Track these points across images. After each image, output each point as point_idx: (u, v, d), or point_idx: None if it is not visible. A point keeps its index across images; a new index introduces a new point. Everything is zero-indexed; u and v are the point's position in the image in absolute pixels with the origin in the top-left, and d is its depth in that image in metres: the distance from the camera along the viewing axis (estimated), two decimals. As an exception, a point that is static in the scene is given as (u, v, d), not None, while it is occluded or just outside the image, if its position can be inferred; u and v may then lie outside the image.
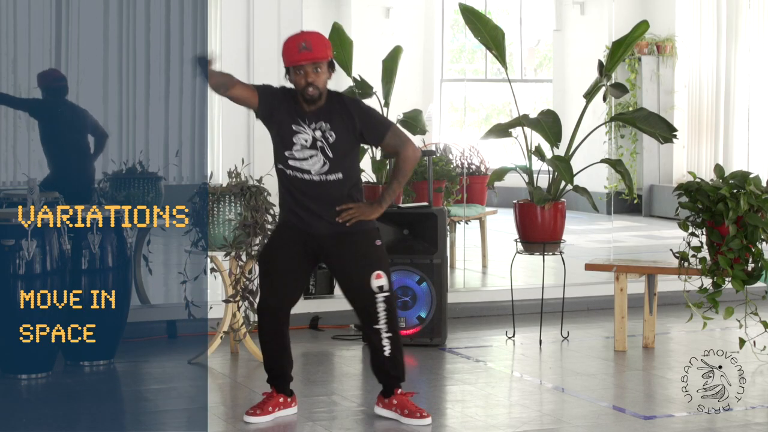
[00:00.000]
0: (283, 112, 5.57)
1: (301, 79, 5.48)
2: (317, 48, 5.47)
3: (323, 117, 5.54)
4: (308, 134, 5.52)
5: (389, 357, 5.59)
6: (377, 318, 5.55)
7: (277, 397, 5.67)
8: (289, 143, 5.54)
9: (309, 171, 5.53)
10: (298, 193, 5.56)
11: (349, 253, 5.57)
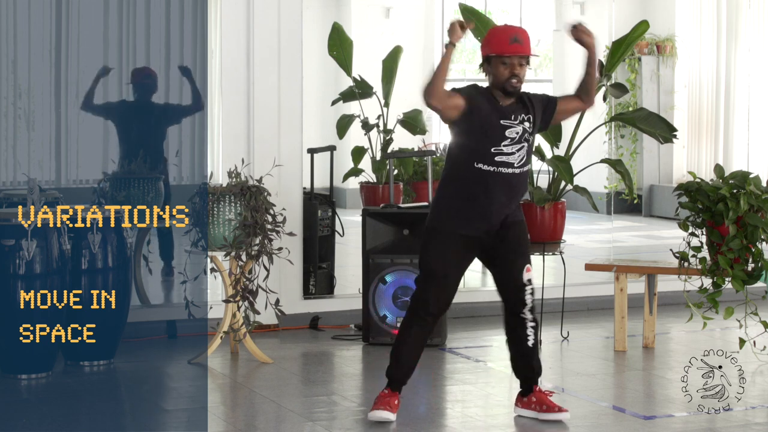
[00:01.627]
0: (487, 107, 5.59)
1: (507, 71, 5.57)
2: (527, 43, 5.60)
3: (523, 110, 5.64)
4: (518, 128, 5.59)
5: (532, 348, 5.66)
6: (524, 305, 5.62)
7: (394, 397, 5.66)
8: (499, 138, 5.55)
9: (512, 164, 5.57)
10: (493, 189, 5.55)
11: (517, 242, 5.66)
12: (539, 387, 5.72)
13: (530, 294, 5.64)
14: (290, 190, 7.82)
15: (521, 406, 5.74)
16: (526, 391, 5.72)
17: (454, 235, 5.61)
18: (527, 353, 5.66)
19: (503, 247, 5.64)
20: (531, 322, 5.63)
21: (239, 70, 7.89)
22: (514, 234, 5.65)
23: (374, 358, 7.16)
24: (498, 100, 5.60)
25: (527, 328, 5.63)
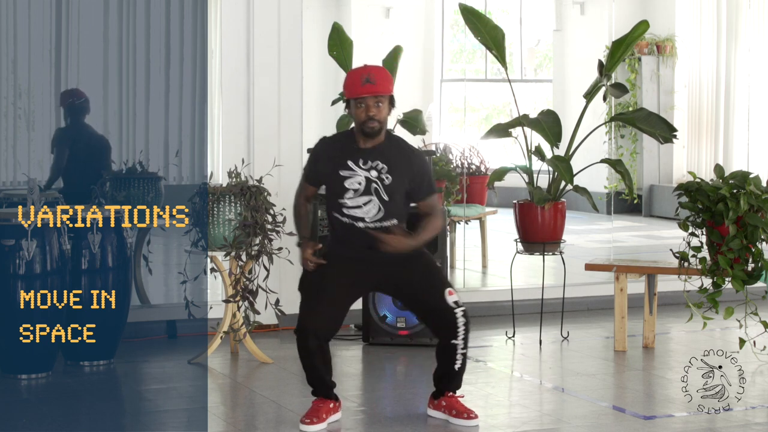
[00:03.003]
0: (327, 162, 5.57)
1: (362, 113, 5.48)
2: (381, 82, 5.49)
3: (380, 157, 5.54)
4: (360, 176, 5.51)
5: (457, 371, 5.63)
6: (456, 333, 5.54)
7: (328, 403, 5.63)
8: (341, 190, 5.52)
9: (363, 219, 5.52)
10: (352, 239, 5.54)
11: (419, 273, 5.57)
12: (452, 393, 5.68)
13: (463, 317, 5.53)
14: (290, 190, 7.79)
15: (432, 407, 5.74)
16: (437, 394, 5.71)
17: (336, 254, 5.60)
18: (450, 373, 5.64)
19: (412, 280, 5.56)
20: (462, 349, 5.56)
21: (239, 70, 7.89)
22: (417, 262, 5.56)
23: (374, 358, 7.16)
24: (359, 142, 5.56)
25: (457, 354, 5.57)
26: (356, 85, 5.49)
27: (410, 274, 5.57)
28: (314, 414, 5.55)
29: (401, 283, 5.61)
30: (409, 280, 5.58)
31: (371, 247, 5.48)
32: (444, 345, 5.60)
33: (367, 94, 5.46)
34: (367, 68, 5.55)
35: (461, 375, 5.68)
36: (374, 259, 5.53)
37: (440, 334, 5.62)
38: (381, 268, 5.56)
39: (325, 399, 5.62)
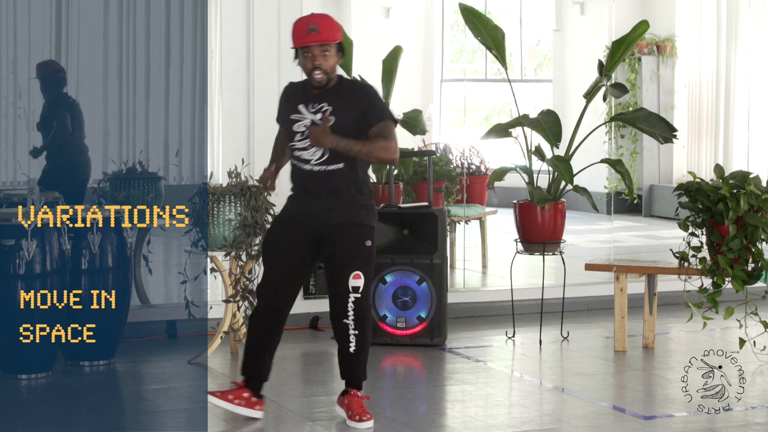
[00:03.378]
0: (285, 106, 5.64)
1: (308, 62, 5.46)
2: (326, 30, 5.44)
3: (326, 99, 5.50)
4: (307, 119, 5.51)
5: (353, 354, 5.57)
6: (346, 314, 5.53)
7: (243, 390, 5.63)
8: (292, 134, 5.57)
9: (309, 161, 5.52)
10: (304, 185, 5.56)
11: (341, 246, 5.53)
12: (357, 392, 5.64)
13: (353, 302, 5.51)
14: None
15: (338, 404, 5.71)
16: (345, 391, 5.68)
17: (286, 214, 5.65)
18: (348, 359, 5.60)
19: (333, 251, 5.55)
20: (354, 330, 5.53)
21: (239, 70, 7.89)
22: (347, 236, 5.53)
23: (374, 358, 7.15)
24: (308, 89, 5.57)
25: (349, 335, 5.55)
26: (301, 35, 5.44)
27: (338, 244, 5.54)
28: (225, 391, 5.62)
29: (329, 249, 5.57)
30: (330, 248, 5.55)
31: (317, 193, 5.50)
32: (336, 325, 5.58)
33: (312, 42, 5.41)
34: (313, 16, 5.50)
35: (360, 363, 5.60)
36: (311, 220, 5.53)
37: (333, 312, 5.59)
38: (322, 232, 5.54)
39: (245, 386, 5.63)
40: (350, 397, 5.63)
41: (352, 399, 5.62)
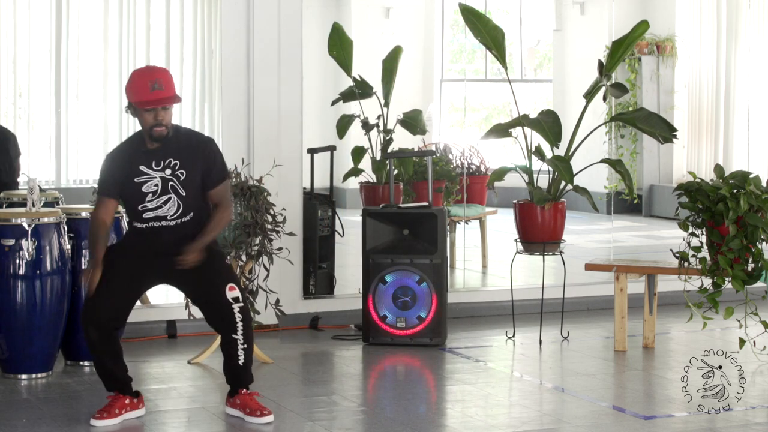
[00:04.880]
0: (122, 173, 5.56)
1: (150, 118, 5.46)
2: (168, 87, 5.47)
3: (172, 154, 5.54)
4: (156, 177, 5.52)
5: (242, 365, 5.61)
6: (235, 327, 5.54)
7: (123, 399, 5.64)
8: (140, 197, 5.52)
9: (165, 217, 5.55)
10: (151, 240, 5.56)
11: (203, 269, 5.55)
12: (245, 390, 5.67)
13: (240, 312, 5.53)
14: (290, 190, 7.82)
15: (229, 405, 5.72)
16: (232, 392, 5.70)
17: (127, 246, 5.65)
18: (235, 369, 5.63)
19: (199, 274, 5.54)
20: (242, 344, 5.56)
21: (239, 70, 7.88)
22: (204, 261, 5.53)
23: (374, 359, 7.16)
24: (147, 144, 5.55)
25: (238, 349, 5.57)
26: (144, 92, 5.44)
27: (197, 269, 5.53)
28: (106, 409, 5.59)
29: (183, 275, 5.57)
30: (190, 273, 5.55)
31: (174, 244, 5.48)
32: (226, 340, 5.59)
33: (156, 103, 5.43)
34: (154, 72, 5.51)
35: (248, 371, 5.64)
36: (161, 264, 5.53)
37: (221, 329, 5.60)
38: (164, 260, 5.52)
39: (121, 395, 5.63)
40: (243, 396, 5.66)
41: (246, 398, 5.66)
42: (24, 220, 6.38)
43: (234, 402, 5.69)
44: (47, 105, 11.64)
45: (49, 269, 6.44)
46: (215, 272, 5.59)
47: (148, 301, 8.19)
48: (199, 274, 5.55)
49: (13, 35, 11.72)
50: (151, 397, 6.17)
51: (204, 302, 5.64)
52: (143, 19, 12.75)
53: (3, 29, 11.70)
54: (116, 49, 12.47)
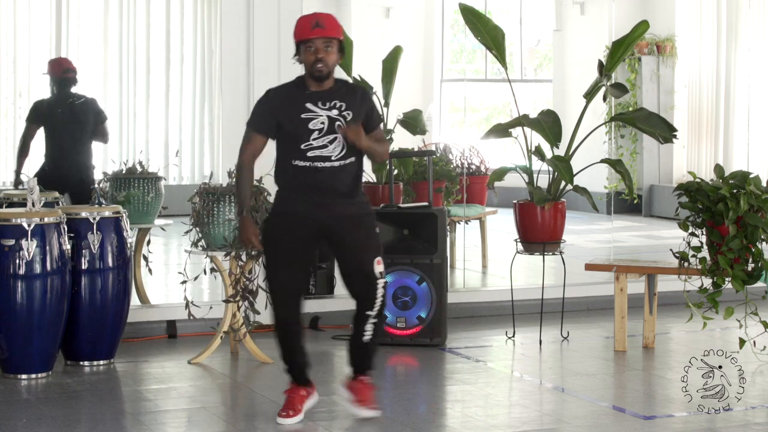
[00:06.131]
0: (282, 108, 5.58)
1: (311, 56, 5.51)
2: (330, 27, 5.53)
3: (337, 96, 5.58)
4: (322, 116, 5.54)
5: (366, 344, 5.66)
6: (373, 304, 5.59)
7: (299, 391, 5.68)
8: (305, 133, 5.53)
9: (329, 157, 5.54)
10: (311, 184, 5.54)
11: (355, 235, 5.59)
12: (365, 378, 5.72)
13: (383, 288, 5.59)
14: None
15: (343, 386, 5.78)
16: (353, 377, 5.75)
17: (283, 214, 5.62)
18: (360, 346, 5.68)
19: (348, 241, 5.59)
20: (374, 320, 5.62)
21: (239, 70, 7.88)
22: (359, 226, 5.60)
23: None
24: (309, 86, 5.59)
25: (367, 324, 5.63)
26: (305, 29, 5.52)
27: (349, 234, 5.58)
28: (290, 406, 5.63)
29: (340, 240, 5.61)
30: (346, 239, 5.59)
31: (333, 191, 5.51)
32: (359, 312, 5.64)
33: (316, 36, 5.49)
34: (317, 14, 5.59)
35: (371, 352, 5.68)
36: (320, 215, 5.55)
37: (358, 302, 5.65)
38: (326, 224, 5.56)
39: (298, 386, 5.67)
40: (358, 382, 5.71)
41: (360, 385, 5.70)
42: (24, 220, 6.38)
43: (349, 384, 5.73)
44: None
45: (49, 269, 6.44)
46: (369, 242, 5.61)
47: (148, 301, 8.21)
48: (354, 240, 5.57)
49: (13, 35, 11.72)
50: (151, 397, 6.18)
51: (351, 270, 5.63)
52: (143, 19, 12.75)
53: (3, 29, 11.70)
54: (116, 49, 12.47)
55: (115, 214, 6.82)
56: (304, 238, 5.59)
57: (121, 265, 6.82)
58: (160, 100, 12.97)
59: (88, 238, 6.72)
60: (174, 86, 13.08)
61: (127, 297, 6.91)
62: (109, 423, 5.70)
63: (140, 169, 8.26)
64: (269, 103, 5.64)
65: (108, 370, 6.75)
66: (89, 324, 6.72)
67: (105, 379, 6.58)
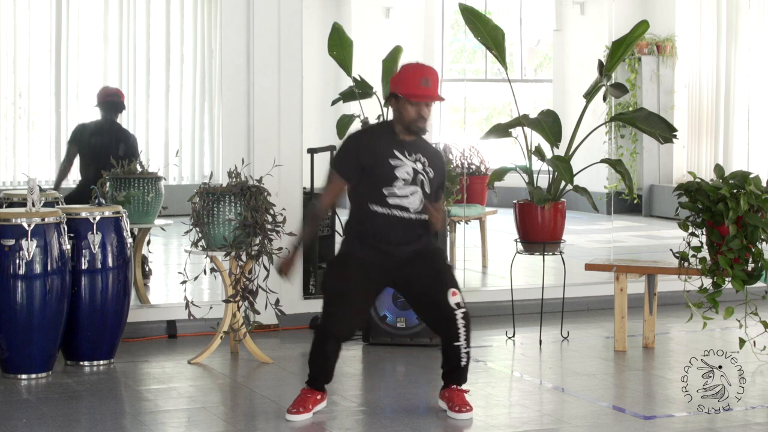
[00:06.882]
0: (370, 152, 5.55)
1: (413, 111, 5.51)
2: (435, 87, 5.55)
3: (421, 151, 5.58)
4: (408, 166, 5.53)
5: (463, 367, 5.68)
6: (458, 335, 5.57)
7: (315, 394, 5.70)
8: (391, 178, 5.52)
9: (408, 209, 5.54)
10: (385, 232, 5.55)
11: (425, 270, 5.59)
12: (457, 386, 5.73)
13: (462, 319, 5.55)
14: (290, 190, 7.82)
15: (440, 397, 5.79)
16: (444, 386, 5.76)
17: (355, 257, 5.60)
18: (457, 369, 5.68)
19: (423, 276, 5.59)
20: (465, 350, 5.61)
21: (239, 70, 7.88)
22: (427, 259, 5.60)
23: (374, 358, 7.16)
24: (398, 134, 5.58)
25: (461, 354, 5.61)
26: (414, 85, 5.50)
27: (420, 271, 5.60)
28: (300, 403, 5.63)
29: (411, 279, 5.63)
30: (418, 277, 5.61)
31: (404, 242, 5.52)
32: (446, 346, 5.65)
33: (424, 98, 5.49)
34: (425, 69, 5.58)
35: (466, 370, 5.72)
36: (390, 262, 5.57)
37: (442, 335, 5.66)
38: (396, 269, 5.60)
39: (314, 390, 5.69)
40: (451, 390, 5.73)
41: (453, 392, 5.72)
42: (24, 220, 6.38)
43: (443, 394, 5.75)
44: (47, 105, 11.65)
45: (49, 269, 6.43)
46: (441, 276, 5.59)
47: (148, 301, 8.21)
48: (426, 277, 5.56)
49: (13, 35, 11.72)
50: (151, 397, 6.18)
51: (427, 306, 5.63)
52: (143, 19, 12.76)
53: (3, 29, 11.70)
54: (116, 49, 12.48)
55: (115, 214, 6.82)
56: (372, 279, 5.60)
57: (121, 265, 6.82)
58: (160, 100, 12.98)
59: (88, 238, 6.72)
60: (174, 86, 13.09)
61: (127, 297, 6.91)
62: (109, 423, 5.70)
63: (140, 169, 8.26)
64: (355, 146, 5.61)
65: (108, 370, 6.75)
66: (89, 324, 6.72)
67: (105, 379, 6.58)
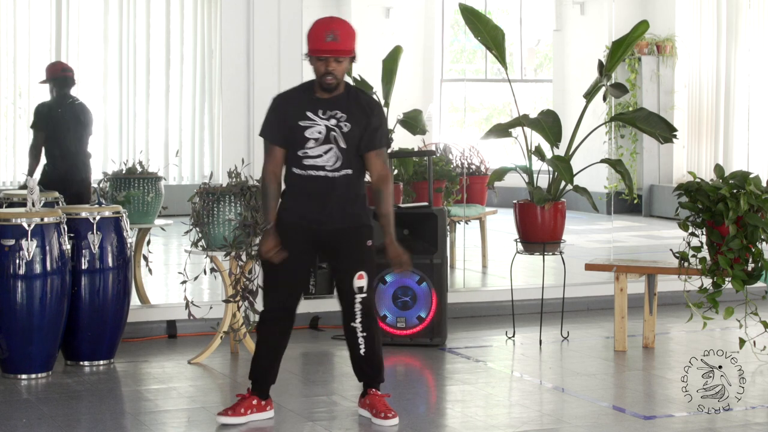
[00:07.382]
0: (286, 116, 5.55)
1: (321, 67, 5.46)
2: (344, 41, 5.47)
3: (339, 106, 5.52)
4: (320, 125, 5.50)
5: (364, 356, 5.61)
6: (354, 316, 5.56)
7: (251, 399, 5.63)
8: (302, 140, 5.50)
9: (323, 167, 5.50)
10: (308, 191, 5.52)
11: (344, 249, 5.58)
12: (375, 390, 5.67)
13: (360, 303, 5.53)
14: (290, 190, 7.81)
15: (359, 405, 5.73)
16: (363, 393, 5.70)
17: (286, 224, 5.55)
18: (358, 360, 5.64)
19: (336, 254, 5.58)
20: (362, 333, 5.57)
21: (239, 70, 7.88)
22: (349, 239, 5.56)
23: (374, 358, 7.15)
24: (316, 93, 5.54)
25: (358, 338, 5.58)
26: (320, 40, 5.45)
27: (341, 248, 5.57)
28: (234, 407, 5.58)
29: (333, 254, 5.61)
30: (338, 254, 5.58)
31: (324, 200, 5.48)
32: (346, 327, 5.61)
33: (327, 53, 5.44)
34: (333, 22, 5.53)
35: (372, 364, 5.64)
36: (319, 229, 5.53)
37: (343, 315, 5.63)
38: (324, 237, 5.55)
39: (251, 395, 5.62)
40: (371, 396, 5.66)
41: (373, 398, 5.65)
42: (24, 220, 6.38)
43: (364, 402, 5.69)
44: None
45: (49, 269, 6.43)
46: (355, 257, 5.56)
47: (148, 301, 8.21)
48: (344, 255, 5.56)
49: (13, 35, 11.73)
50: (151, 397, 6.18)
51: (337, 282, 5.63)
52: (143, 19, 12.76)
53: (3, 29, 11.71)
54: (116, 49, 12.49)
55: (115, 214, 6.82)
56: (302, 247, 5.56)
57: (121, 265, 6.82)
58: (160, 100, 12.99)
59: (88, 238, 6.72)
60: (174, 86, 13.10)
61: (127, 297, 6.91)
62: (109, 423, 5.70)
63: (140, 169, 8.27)
64: (276, 111, 5.61)
65: (108, 370, 6.75)
66: (89, 324, 6.72)
67: (105, 379, 6.58)
